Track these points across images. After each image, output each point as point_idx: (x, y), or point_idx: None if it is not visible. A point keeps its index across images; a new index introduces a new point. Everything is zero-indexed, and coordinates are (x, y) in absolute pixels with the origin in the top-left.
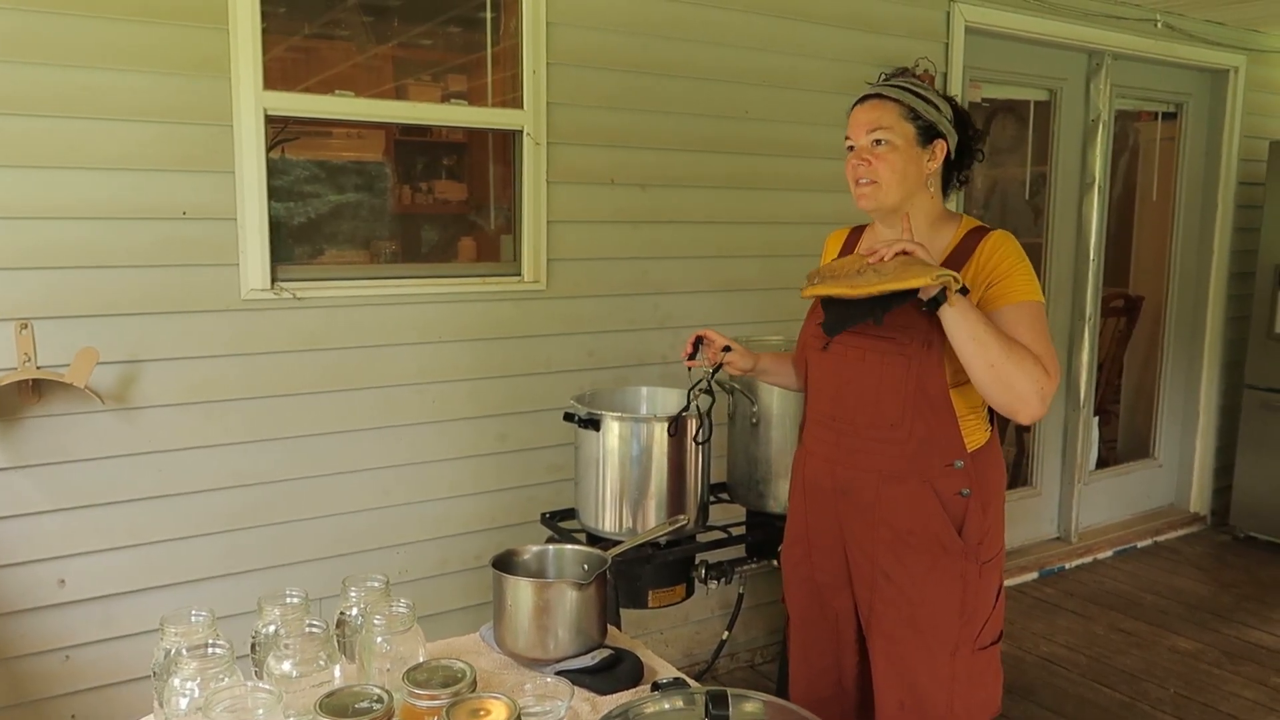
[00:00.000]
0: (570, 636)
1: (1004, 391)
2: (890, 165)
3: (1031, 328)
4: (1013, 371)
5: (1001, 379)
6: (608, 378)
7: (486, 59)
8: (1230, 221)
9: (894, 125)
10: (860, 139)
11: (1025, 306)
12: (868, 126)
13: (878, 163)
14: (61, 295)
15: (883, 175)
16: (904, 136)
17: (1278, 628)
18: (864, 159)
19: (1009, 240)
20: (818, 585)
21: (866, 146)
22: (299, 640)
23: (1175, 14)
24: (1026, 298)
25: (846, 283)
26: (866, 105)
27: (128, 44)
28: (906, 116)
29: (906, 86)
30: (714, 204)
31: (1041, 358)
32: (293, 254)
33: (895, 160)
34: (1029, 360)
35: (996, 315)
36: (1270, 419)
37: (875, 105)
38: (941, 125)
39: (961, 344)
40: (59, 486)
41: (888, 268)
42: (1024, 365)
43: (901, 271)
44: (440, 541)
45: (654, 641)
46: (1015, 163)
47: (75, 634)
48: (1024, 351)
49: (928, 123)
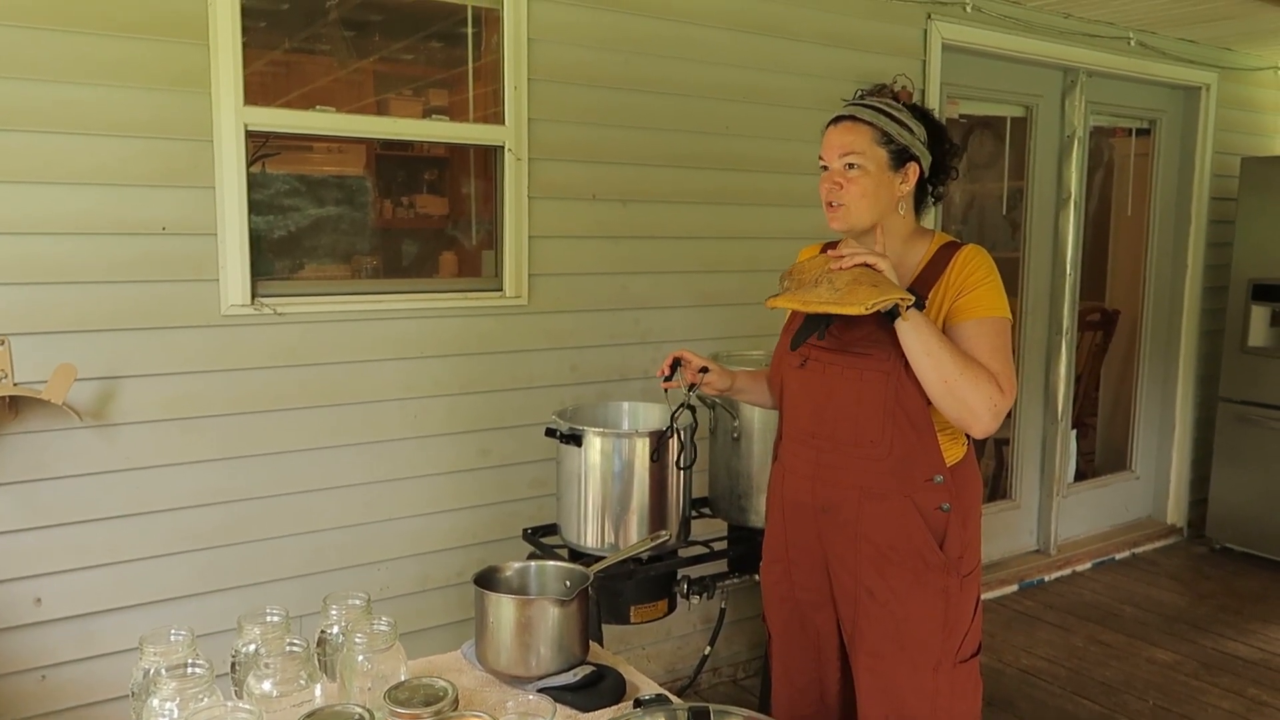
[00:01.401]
0: (552, 653)
1: (957, 405)
2: (861, 189)
3: (992, 344)
4: (966, 387)
5: (954, 393)
6: (590, 393)
7: (468, 74)
8: (1204, 236)
9: (866, 150)
10: (833, 161)
11: (988, 322)
12: (840, 150)
13: (849, 186)
14: (39, 311)
15: (853, 199)
16: (876, 161)
17: (1254, 639)
18: (836, 182)
19: (979, 254)
20: (799, 603)
21: (839, 169)
22: (279, 659)
23: (1148, 32)
24: (991, 313)
25: (800, 296)
26: (840, 127)
27: (107, 59)
28: (879, 141)
29: (881, 108)
30: (694, 219)
31: (998, 375)
32: (273, 269)
33: (866, 185)
34: (984, 377)
35: (960, 328)
36: (1244, 431)
37: (849, 128)
38: (915, 148)
39: (916, 358)
40: (36, 504)
41: (841, 280)
42: (978, 381)
43: (849, 292)
44: (421, 558)
45: (636, 657)
46: (992, 178)
47: (52, 653)
48: (979, 368)
49: (900, 146)
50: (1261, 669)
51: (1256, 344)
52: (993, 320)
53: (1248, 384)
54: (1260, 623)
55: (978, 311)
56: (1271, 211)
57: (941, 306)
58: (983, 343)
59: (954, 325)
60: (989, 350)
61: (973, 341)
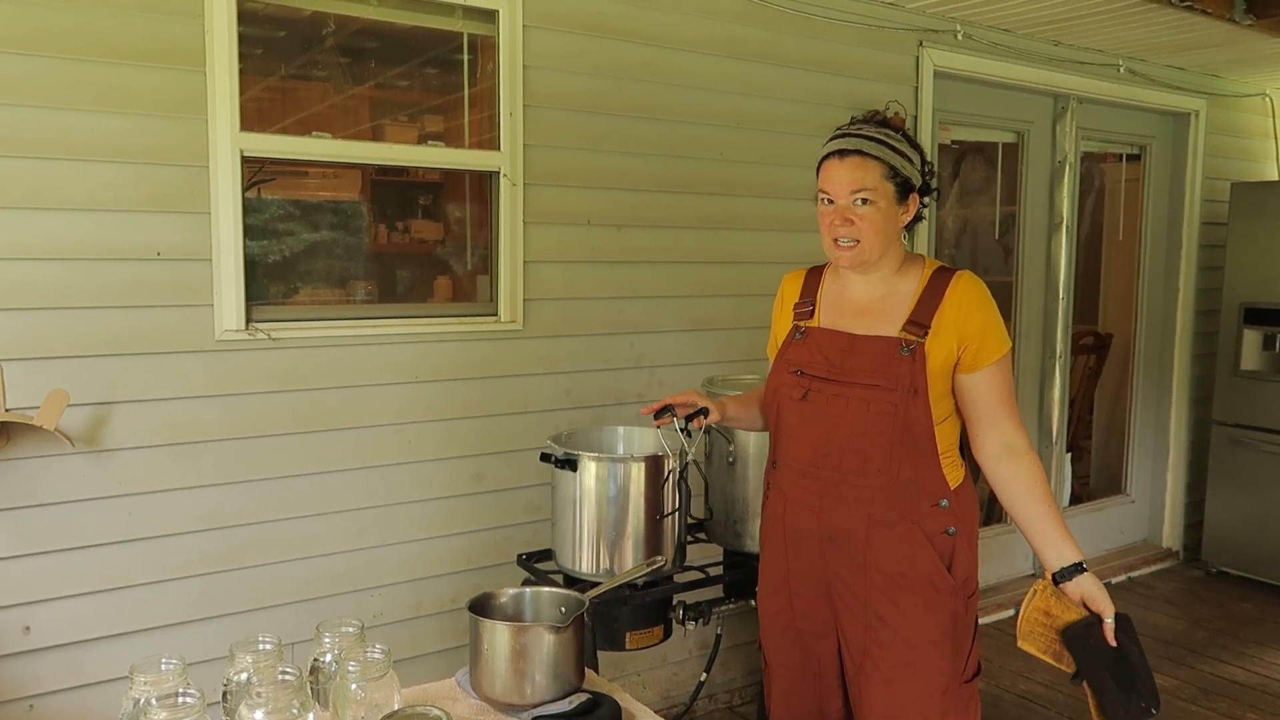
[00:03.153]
0: (548, 681)
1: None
2: (874, 225)
3: (998, 391)
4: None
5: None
6: (585, 417)
7: (463, 100)
8: (1195, 260)
9: (877, 186)
10: (841, 197)
11: (995, 366)
12: (851, 186)
13: (861, 223)
14: (32, 336)
15: (866, 235)
16: (886, 196)
17: (1252, 663)
18: (847, 219)
19: (974, 289)
20: (800, 633)
21: (849, 205)
22: (271, 688)
23: (1137, 59)
24: (995, 356)
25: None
26: (849, 162)
27: (104, 85)
28: (888, 176)
29: (884, 140)
30: (688, 244)
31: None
32: (268, 294)
33: (878, 220)
34: (1041, 476)
35: (972, 379)
36: (1238, 454)
37: (858, 164)
38: (915, 178)
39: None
40: (27, 530)
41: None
42: (1045, 480)
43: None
44: (416, 584)
45: (631, 683)
46: (985, 203)
47: (40, 682)
48: (1045, 486)
49: (905, 179)
50: (1259, 693)
51: (1249, 368)
52: (997, 363)
53: (1241, 407)
54: (1257, 647)
55: (987, 360)
56: (1262, 236)
57: (946, 341)
58: (992, 392)
59: (965, 376)
60: (1001, 398)
61: (985, 390)
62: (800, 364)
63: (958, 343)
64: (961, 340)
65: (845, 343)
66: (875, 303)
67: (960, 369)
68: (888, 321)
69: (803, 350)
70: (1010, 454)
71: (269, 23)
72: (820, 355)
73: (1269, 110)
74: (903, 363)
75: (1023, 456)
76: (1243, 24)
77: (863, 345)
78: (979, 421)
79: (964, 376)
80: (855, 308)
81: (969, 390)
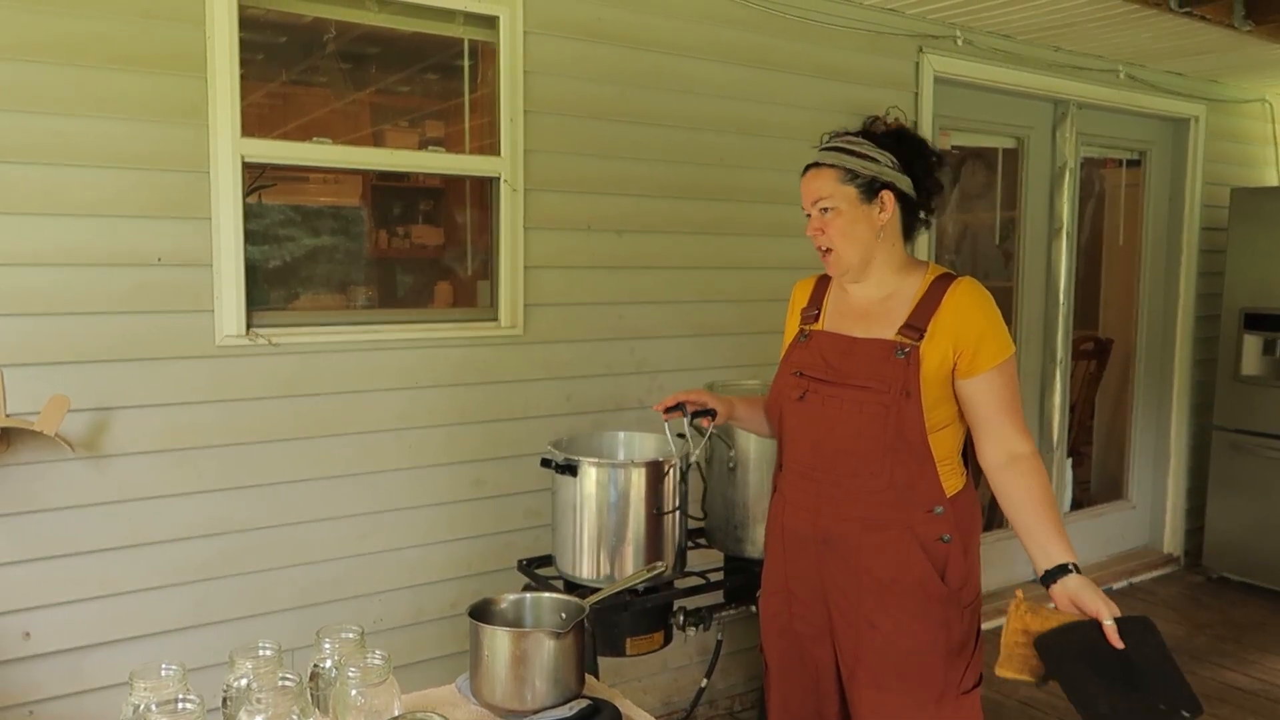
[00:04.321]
0: (548, 687)
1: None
2: (839, 230)
3: (1000, 396)
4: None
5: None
6: (585, 423)
7: (464, 106)
8: (1195, 266)
9: (834, 191)
10: (809, 209)
11: (996, 370)
12: (812, 198)
13: (828, 230)
14: (33, 342)
15: (835, 242)
16: (846, 199)
17: (1253, 669)
18: (817, 228)
19: (973, 293)
20: (798, 635)
21: (816, 216)
22: (271, 694)
23: (1137, 65)
24: (997, 360)
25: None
26: (807, 176)
27: (105, 91)
28: (844, 179)
29: (840, 147)
30: (689, 249)
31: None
32: (268, 299)
33: (841, 224)
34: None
35: (972, 384)
36: (1239, 460)
37: (814, 175)
38: (885, 175)
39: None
40: (27, 536)
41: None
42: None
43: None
44: (416, 590)
45: (632, 689)
46: (985, 208)
47: (40, 688)
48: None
49: (868, 178)
50: (1261, 699)
51: (1250, 373)
52: (997, 368)
53: (1242, 412)
54: (1259, 652)
55: (985, 365)
56: (1262, 241)
57: (941, 345)
58: (993, 397)
59: (964, 381)
60: (1002, 404)
61: (985, 396)
62: (801, 366)
63: (954, 347)
64: (958, 345)
65: (844, 345)
66: (876, 306)
67: (958, 374)
68: (886, 325)
69: (805, 352)
70: (1012, 461)
71: (270, 29)
72: (820, 357)
73: (1269, 116)
74: (896, 365)
75: (1025, 463)
76: (1242, 29)
77: (860, 348)
78: (981, 428)
79: (963, 382)
80: (857, 312)
81: (969, 396)
